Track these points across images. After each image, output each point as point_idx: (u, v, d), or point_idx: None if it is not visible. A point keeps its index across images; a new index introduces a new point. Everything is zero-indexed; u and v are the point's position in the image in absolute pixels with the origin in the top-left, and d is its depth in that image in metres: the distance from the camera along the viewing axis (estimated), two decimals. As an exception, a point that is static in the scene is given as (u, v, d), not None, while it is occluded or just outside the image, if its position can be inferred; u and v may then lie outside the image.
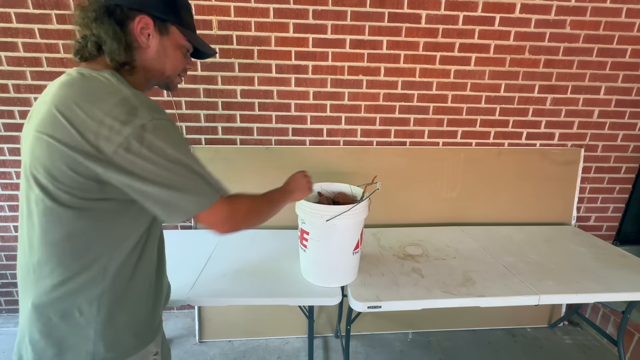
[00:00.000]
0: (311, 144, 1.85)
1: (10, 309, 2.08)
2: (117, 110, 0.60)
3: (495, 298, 1.25)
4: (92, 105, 0.60)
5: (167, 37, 0.74)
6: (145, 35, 0.71)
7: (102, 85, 0.64)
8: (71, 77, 0.66)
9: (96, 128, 0.59)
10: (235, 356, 1.82)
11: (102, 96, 0.61)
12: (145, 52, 0.72)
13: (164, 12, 0.72)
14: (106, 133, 0.59)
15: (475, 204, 1.94)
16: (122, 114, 0.60)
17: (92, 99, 0.61)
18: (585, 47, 1.77)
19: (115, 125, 0.59)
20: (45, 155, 0.61)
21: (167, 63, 0.76)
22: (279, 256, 1.51)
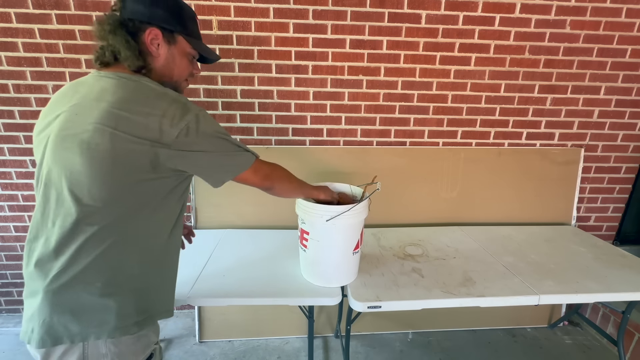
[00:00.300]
0: (311, 144, 1.84)
1: (10, 309, 2.08)
2: (174, 107, 0.74)
3: (495, 298, 1.25)
4: (152, 104, 0.73)
5: (174, 46, 0.85)
6: (155, 45, 0.81)
7: (151, 88, 0.77)
8: (117, 81, 0.76)
9: (159, 121, 0.72)
10: (235, 356, 1.82)
11: (158, 96, 0.75)
12: (156, 60, 0.83)
13: (171, 24, 0.82)
14: (168, 123, 0.73)
15: (475, 204, 1.94)
16: (179, 109, 0.75)
17: (151, 98, 0.74)
18: (585, 47, 1.77)
19: (175, 118, 0.73)
20: (107, 144, 0.70)
21: (175, 69, 0.87)
22: (279, 256, 1.51)
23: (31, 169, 1.79)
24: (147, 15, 0.79)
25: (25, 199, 1.84)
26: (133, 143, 0.71)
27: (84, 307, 0.75)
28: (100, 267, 0.76)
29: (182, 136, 0.74)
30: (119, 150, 0.70)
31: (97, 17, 0.83)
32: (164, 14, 0.80)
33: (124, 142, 0.70)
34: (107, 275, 0.77)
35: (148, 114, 0.72)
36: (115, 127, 0.70)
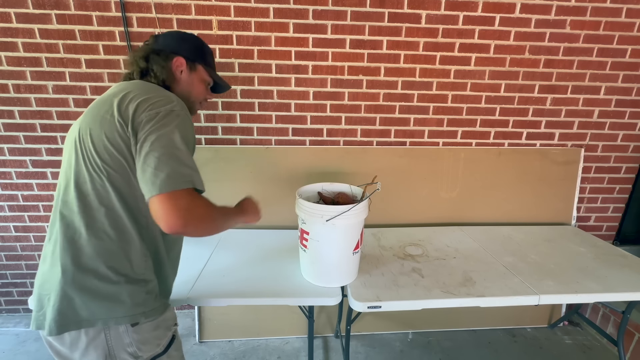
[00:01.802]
0: (311, 144, 1.84)
1: (10, 309, 2.08)
2: (161, 101, 0.81)
3: (495, 298, 1.25)
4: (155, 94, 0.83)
5: (194, 73, 1.01)
6: (179, 70, 0.97)
7: (158, 88, 0.89)
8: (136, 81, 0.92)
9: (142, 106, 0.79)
10: (235, 356, 1.82)
11: (163, 91, 0.87)
12: (178, 83, 0.98)
13: (194, 55, 1.00)
14: (145, 108, 0.78)
15: (475, 204, 1.94)
16: (162, 101, 0.81)
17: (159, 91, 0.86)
18: (585, 47, 1.77)
19: (155, 106, 0.79)
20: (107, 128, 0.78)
21: (193, 92, 1.02)
22: (279, 256, 1.51)
23: (31, 169, 1.80)
24: (175, 47, 0.97)
25: (25, 199, 1.84)
26: (114, 122, 0.78)
27: (97, 293, 0.79)
28: (119, 253, 0.80)
29: (146, 119, 0.77)
30: (107, 131, 0.78)
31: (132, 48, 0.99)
32: (189, 47, 0.99)
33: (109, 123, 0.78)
34: (124, 262, 0.81)
35: (133, 99, 0.80)
36: (107, 111, 0.80)
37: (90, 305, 0.78)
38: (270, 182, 1.82)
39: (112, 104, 0.79)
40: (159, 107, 0.79)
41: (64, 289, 0.77)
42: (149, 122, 0.76)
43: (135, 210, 0.82)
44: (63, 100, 1.70)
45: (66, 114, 1.72)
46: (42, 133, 1.74)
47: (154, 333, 0.85)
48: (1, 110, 1.70)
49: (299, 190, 1.30)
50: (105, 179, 0.78)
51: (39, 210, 1.87)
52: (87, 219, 0.79)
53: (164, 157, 0.73)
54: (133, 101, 0.79)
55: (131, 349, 0.81)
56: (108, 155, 0.77)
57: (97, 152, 0.78)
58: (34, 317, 0.81)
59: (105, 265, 0.79)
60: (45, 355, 1.79)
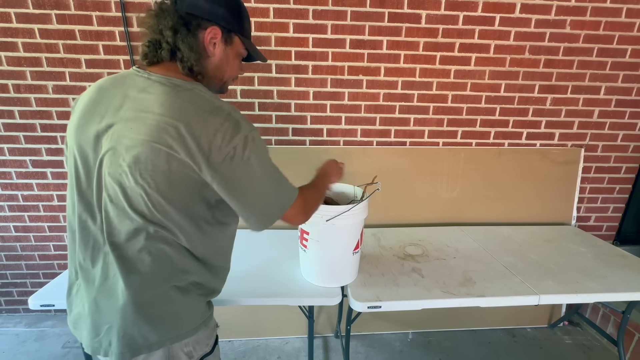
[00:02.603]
0: (311, 144, 1.84)
1: (10, 309, 2.08)
2: (226, 125, 0.68)
3: (495, 298, 1.25)
4: (206, 121, 0.67)
5: (230, 47, 0.80)
6: (212, 44, 0.76)
7: (205, 101, 0.70)
8: (171, 90, 0.70)
9: (211, 139, 0.66)
10: (235, 356, 1.82)
11: (212, 111, 0.68)
12: (209, 61, 0.78)
13: (231, 24, 0.77)
14: (218, 144, 0.67)
15: (475, 204, 1.94)
16: (230, 128, 0.68)
17: (205, 114, 0.68)
18: (585, 47, 1.77)
19: (225, 137, 0.67)
20: (164, 165, 0.67)
21: (227, 70, 0.83)
22: (279, 256, 1.51)
23: (31, 169, 1.80)
24: (208, 12, 0.74)
25: (25, 199, 1.84)
26: (185, 163, 0.67)
27: (162, 316, 0.76)
28: (171, 275, 0.76)
29: (227, 160, 0.68)
30: (174, 170, 0.67)
31: (151, 7, 0.76)
32: (225, 12, 0.76)
33: (178, 162, 0.67)
34: (177, 282, 0.77)
35: (200, 135, 0.66)
36: (171, 146, 0.66)
37: (158, 329, 0.75)
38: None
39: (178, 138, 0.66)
40: (231, 139, 0.68)
41: (129, 320, 0.73)
42: (229, 162, 0.68)
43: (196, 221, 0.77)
44: (63, 100, 1.70)
45: (66, 114, 1.72)
46: (42, 133, 1.74)
47: (205, 333, 0.85)
48: (1, 110, 1.70)
49: (299, 190, 1.29)
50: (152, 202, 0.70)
51: (39, 210, 1.87)
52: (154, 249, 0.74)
53: (267, 190, 0.77)
54: (205, 136, 0.66)
55: (187, 349, 0.80)
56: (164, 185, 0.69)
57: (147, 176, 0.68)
58: (89, 342, 0.76)
59: (167, 286, 0.76)
60: (45, 355, 1.79)
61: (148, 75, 0.72)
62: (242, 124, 0.70)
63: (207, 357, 0.86)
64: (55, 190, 1.84)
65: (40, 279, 2.00)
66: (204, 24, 0.74)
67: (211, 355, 0.87)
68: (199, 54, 0.75)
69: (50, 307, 1.17)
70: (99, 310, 0.75)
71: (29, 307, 1.18)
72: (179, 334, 0.78)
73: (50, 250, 1.95)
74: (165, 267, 0.74)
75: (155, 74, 0.72)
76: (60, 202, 1.86)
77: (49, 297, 1.19)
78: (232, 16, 0.78)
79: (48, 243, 1.93)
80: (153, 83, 0.71)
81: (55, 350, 1.82)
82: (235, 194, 0.73)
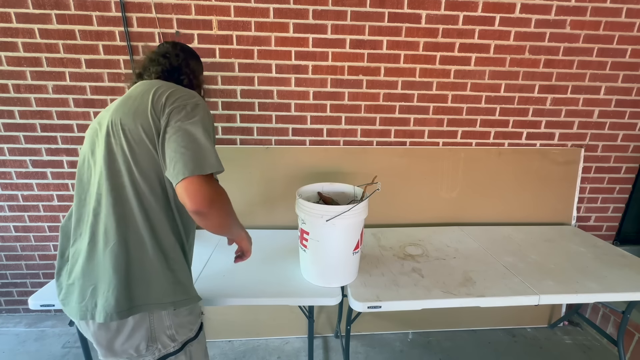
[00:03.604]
0: (311, 144, 1.84)
1: (10, 309, 2.08)
2: (189, 94, 0.89)
3: (495, 298, 1.25)
4: (175, 91, 0.87)
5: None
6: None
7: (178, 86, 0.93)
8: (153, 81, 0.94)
9: (171, 99, 0.84)
10: (235, 356, 1.82)
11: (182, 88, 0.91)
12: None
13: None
14: (173, 99, 0.84)
15: (475, 204, 1.94)
16: (189, 95, 0.88)
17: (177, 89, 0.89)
18: (585, 47, 1.77)
19: (181, 98, 0.85)
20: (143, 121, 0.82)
21: None
22: (279, 256, 1.51)
23: (31, 169, 1.80)
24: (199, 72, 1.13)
25: (25, 198, 1.84)
26: (147, 114, 0.82)
27: (154, 280, 0.84)
28: (149, 243, 0.83)
29: (175, 111, 0.82)
30: (141, 122, 0.82)
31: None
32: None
33: (143, 114, 0.82)
34: (168, 249, 0.86)
35: (162, 94, 0.84)
36: (138, 106, 0.84)
37: (145, 290, 0.82)
38: (270, 182, 1.82)
39: (147, 99, 0.84)
40: (185, 100, 0.85)
41: (118, 277, 0.80)
42: (177, 113, 0.82)
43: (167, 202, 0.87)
44: (63, 100, 1.70)
45: (66, 114, 1.72)
46: (42, 133, 1.74)
47: (189, 318, 0.91)
48: (1, 110, 1.70)
49: (299, 190, 1.29)
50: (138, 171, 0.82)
51: (39, 210, 1.87)
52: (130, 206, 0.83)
53: (190, 145, 0.79)
54: (163, 94, 0.85)
55: (170, 332, 0.86)
56: (142, 147, 0.82)
57: (130, 143, 0.82)
58: (77, 308, 0.82)
59: (157, 253, 0.84)
60: (45, 355, 1.79)
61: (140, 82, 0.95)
62: (200, 99, 0.90)
63: (191, 342, 0.92)
64: (55, 190, 1.84)
65: (40, 279, 2.00)
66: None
67: (195, 341, 0.93)
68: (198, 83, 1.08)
69: (50, 307, 1.17)
70: (85, 275, 0.83)
71: (29, 307, 1.18)
72: (162, 302, 0.83)
73: (50, 250, 1.95)
74: (140, 228, 0.82)
75: None
76: (60, 202, 1.86)
77: (49, 297, 1.19)
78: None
79: (48, 243, 1.93)
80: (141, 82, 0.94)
81: (55, 350, 1.82)
82: (168, 137, 0.80)
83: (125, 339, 0.83)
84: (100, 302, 0.80)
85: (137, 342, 0.83)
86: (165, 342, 0.86)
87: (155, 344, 0.85)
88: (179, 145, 0.78)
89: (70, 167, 1.81)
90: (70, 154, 1.79)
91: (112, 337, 0.82)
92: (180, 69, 1.02)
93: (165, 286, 0.85)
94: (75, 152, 1.78)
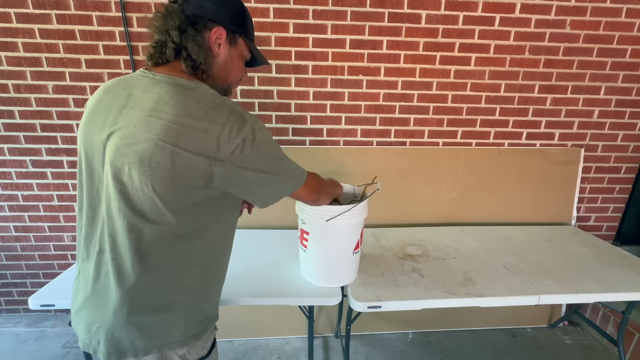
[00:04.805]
0: (311, 144, 1.84)
1: (10, 309, 2.08)
2: (232, 119, 0.69)
3: (495, 298, 1.25)
4: (211, 116, 0.68)
5: (234, 48, 0.82)
6: (217, 44, 0.78)
7: (209, 97, 0.72)
8: (175, 89, 0.70)
9: (218, 135, 0.67)
10: (235, 356, 1.82)
11: (217, 107, 0.70)
12: (215, 61, 0.80)
13: (235, 25, 0.80)
14: (226, 138, 0.68)
15: (475, 204, 1.94)
16: (237, 122, 0.69)
17: (210, 110, 0.69)
18: (585, 47, 1.77)
19: (233, 131, 0.68)
20: (168, 161, 0.66)
21: (232, 71, 0.84)
22: (279, 256, 1.51)
23: (31, 169, 1.80)
24: (214, 13, 0.76)
25: (25, 198, 1.84)
26: (192, 160, 0.67)
27: (152, 323, 0.75)
28: (168, 281, 0.75)
29: (237, 152, 0.69)
30: (178, 167, 0.67)
31: (158, 7, 0.77)
32: (230, 13, 0.79)
33: (184, 160, 0.67)
34: (173, 288, 0.77)
35: (207, 129, 0.67)
36: (176, 144, 0.66)
37: (147, 337, 0.75)
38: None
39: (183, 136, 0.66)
40: (238, 131, 0.69)
41: (118, 322, 0.73)
42: (240, 153, 0.69)
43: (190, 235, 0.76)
44: (63, 100, 1.70)
45: (66, 114, 1.72)
46: (42, 133, 1.75)
47: (200, 343, 0.84)
48: (1, 110, 1.70)
49: (299, 190, 1.29)
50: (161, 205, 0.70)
51: (39, 210, 1.87)
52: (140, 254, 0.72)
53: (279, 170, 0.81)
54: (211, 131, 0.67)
55: (181, 352, 0.80)
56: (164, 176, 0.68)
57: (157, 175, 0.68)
58: (84, 337, 0.77)
59: (159, 293, 0.75)
60: (45, 355, 1.79)
61: (153, 75, 0.73)
62: (247, 116, 0.73)
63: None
64: (55, 190, 1.84)
65: (40, 279, 2.00)
66: (209, 24, 0.76)
67: (207, 359, 0.86)
68: (205, 52, 0.76)
69: (50, 307, 1.17)
70: (92, 308, 0.77)
71: (29, 307, 1.18)
72: (167, 343, 0.77)
73: (50, 250, 1.95)
74: (158, 271, 0.74)
75: (160, 74, 0.73)
76: (60, 202, 1.86)
77: (49, 297, 1.19)
78: (237, 18, 0.80)
79: (48, 243, 1.93)
80: (157, 82, 0.72)
81: (55, 350, 1.83)
82: (246, 184, 0.75)
83: None
84: (111, 342, 0.73)
85: None
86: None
87: None
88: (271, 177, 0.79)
89: (70, 167, 1.81)
90: (70, 154, 1.79)
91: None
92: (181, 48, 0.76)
93: (188, 323, 0.79)
94: (75, 152, 1.78)
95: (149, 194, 0.68)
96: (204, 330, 0.83)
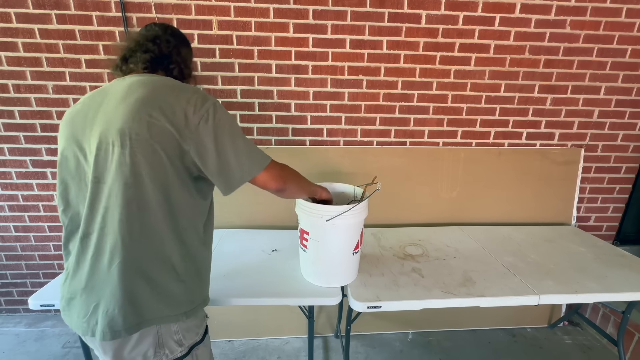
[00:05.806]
0: (311, 144, 1.84)
1: (10, 309, 2.08)
2: (195, 95, 0.81)
3: (495, 298, 1.25)
4: (177, 95, 0.80)
5: None
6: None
7: (174, 82, 0.86)
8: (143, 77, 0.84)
9: (184, 108, 0.78)
10: (235, 356, 1.82)
11: (182, 87, 0.84)
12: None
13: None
14: (192, 110, 0.78)
15: (475, 204, 1.94)
16: (200, 98, 0.81)
17: (176, 90, 0.82)
18: (585, 47, 1.77)
19: (197, 104, 0.79)
20: (143, 129, 0.75)
21: None
22: (278, 256, 1.51)
23: (31, 169, 1.80)
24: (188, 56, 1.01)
25: (25, 198, 1.84)
26: (165, 130, 0.76)
27: (164, 294, 0.81)
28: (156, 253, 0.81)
29: (202, 123, 0.79)
30: (155, 136, 0.75)
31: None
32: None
33: (158, 129, 0.75)
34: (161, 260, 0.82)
35: (174, 104, 0.78)
36: (151, 114, 0.75)
37: (155, 305, 0.80)
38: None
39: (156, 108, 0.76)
40: (202, 105, 0.80)
41: (125, 294, 0.77)
42: (205, 124, 0.79)
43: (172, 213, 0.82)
44: (63, 100, 1.70)
45: (66, 114, 1.72)
46: (42, 133, 1.75)
47: (195, 322, 0.90)
48: (1, 110, 1.70)
49: (299, 190, 1.29)
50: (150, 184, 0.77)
51: (39, 210, 1.87)
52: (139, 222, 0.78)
53: (241, 148, 0.84)
54: (178, 105, 0.78)
55: (177, 337, 0.85)
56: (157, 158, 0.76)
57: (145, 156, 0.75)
58: (79, 322, 0.79)
59: (166, 267, 0.82)
60: (45, 355, 1.79)
61: (122, 78, 0.86)
62: (208, 95, 0.84)
63: (197, 345, 0.90)
64: (55, 190, 1.83)
65: (40, 279, 2.00)
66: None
67: (201, 344, 0.91)
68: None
69: (50, 307, 1.17)
70: (87, 292, 0.80)
71: (29, 307, 1.18)
72: (159, 317, 0.81)
73: (50, 250, 1.95)
74: (147, 244, 0.79)
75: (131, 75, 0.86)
76: (60, 202, 1.86)
77: (49, 297, 1.19)
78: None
79: (48, 243, 1.93)
80: (130, 77, 0.84)
81: (55, 350, 1.83)
82: (211, 154, 0.81)
83: (132, 347, 0.81)
84: (106, 320, 0.77)
85: (145, 349, 0.82)
86: (173, 347, 0.85)
87: (163, 349, 0.84)
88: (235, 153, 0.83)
89: (70, 167, 1.81)
90: (70, 154, 1.79)
91: (119, 346, 0.81)
92: (170, 57, 0.92)
93: (177, 298, 0.84)
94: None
95: (134, 168, 0.75)
96: (194, 311, 0.88)
